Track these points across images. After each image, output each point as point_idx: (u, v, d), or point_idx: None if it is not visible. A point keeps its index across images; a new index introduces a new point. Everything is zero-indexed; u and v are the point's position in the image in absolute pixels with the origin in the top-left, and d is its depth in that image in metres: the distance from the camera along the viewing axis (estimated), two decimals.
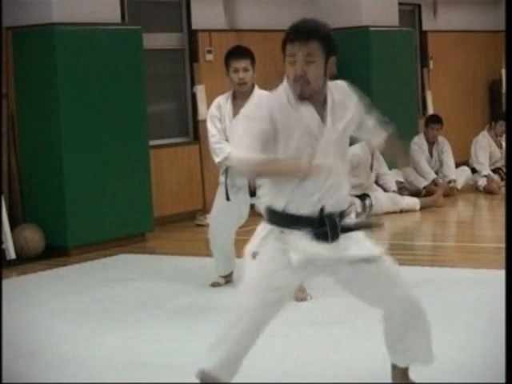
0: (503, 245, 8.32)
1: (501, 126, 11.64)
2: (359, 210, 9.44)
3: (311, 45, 3.40)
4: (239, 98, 6.41)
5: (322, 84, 3.51)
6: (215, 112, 6.50)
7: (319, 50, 3.43)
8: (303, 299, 6.26)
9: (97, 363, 5.15)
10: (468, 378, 4.25)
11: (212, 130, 6.47)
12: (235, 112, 6.39)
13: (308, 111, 3.44)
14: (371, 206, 9.66)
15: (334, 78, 12.49)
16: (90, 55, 8.41)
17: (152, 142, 9.38)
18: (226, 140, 6.39)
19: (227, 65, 6.46)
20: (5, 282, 6.75)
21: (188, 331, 5.70)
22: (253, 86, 6.42)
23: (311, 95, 3.45)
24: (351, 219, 3.70)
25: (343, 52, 11.12)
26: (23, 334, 5.54)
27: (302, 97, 3.41)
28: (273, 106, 3.48)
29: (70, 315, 6.26)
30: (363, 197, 9.63)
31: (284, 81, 3.48)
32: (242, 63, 6.37)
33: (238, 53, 6.48)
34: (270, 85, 6.72)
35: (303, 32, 3.44)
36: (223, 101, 6.50)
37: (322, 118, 3.48)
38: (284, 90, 3.48)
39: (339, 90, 3.66)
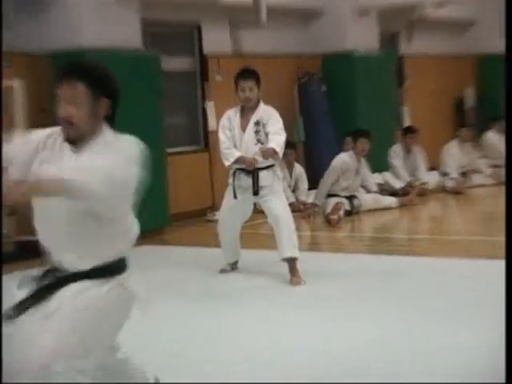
0: (470, 237, 8.38)
1: (463, 132, 11.87)
2: (348, 208, 9.54)
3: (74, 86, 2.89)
4: (246, 111, 6.46)
5: (91, 127, 2.92)
6: (226, 123, 6.53)
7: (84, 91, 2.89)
8: (298, 283, 6.29)
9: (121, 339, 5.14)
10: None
11: (222, 137, 6.49)
12: (242, 123, 6.46)
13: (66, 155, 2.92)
14: (359, 205, 9.68)
15: (324, 96, 12.46)
16: (116, 76, 8.37)
17: (169, 150, 9.39)
18: (234, 146, 6.43)
19: (236, 84, 6.49)
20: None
21: (199, 310, 5.71)
22: (258, 102, 6.45)
23: (79, 138, 2.90)
24: None
25: (332, 73, 11.26)
26: None
27: (69, 139, 2.89)
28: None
29: None
30: (351, 198, 9.61)
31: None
32: (248, 83, 6.40)
33: (245, 74, 6.50)
34: (270, 101, 6.76)
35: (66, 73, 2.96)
36: (233, 113, 6.53)
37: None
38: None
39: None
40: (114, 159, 2.81)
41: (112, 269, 2.99)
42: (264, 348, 4.79)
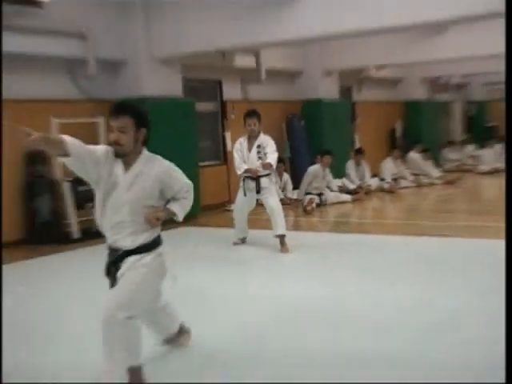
0: (399, 221, 8.36)
1: (394, 152, 11.91)
2: (318, 202, 9.48)
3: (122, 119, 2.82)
4: (251, 138, 6.45)
5: (134, 148, 2.88)
6: (238, 146, 6.51)
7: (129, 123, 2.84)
8: (285, 252, 6.28)
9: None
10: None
11: (236, 156, 6.48)
12: (249, 146, 6.44)
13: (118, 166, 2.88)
14: (326, 200, 9.63)
15: (302, 128, 12.31)
16: (166, 115, 8.37)
17: (200, 164, 9.35)
18: (244, 162, 6.41)
19: (244, 120, 6.47)
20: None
21: (221, 268, 5.72)
22: (259, 132, 6.43)
23: (125, 155, 2.86)
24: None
25: (308, 113, 11.25)
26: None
27: (118, 155, 2.85)
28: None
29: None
30: (320, 195, 9.57)
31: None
32: (253, 120, 6.38)
33: (250, 114, 6.47)
34: (267, 131, 6.74)
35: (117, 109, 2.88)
36: (242, 140, 6.51)
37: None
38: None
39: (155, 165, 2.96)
40: (182, 176, 3.08)
41: (153, 244, 2.97)
42: (262, 288, 4.81)
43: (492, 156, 13.89)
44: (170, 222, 3.18)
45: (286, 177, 10.12)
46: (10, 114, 4.71)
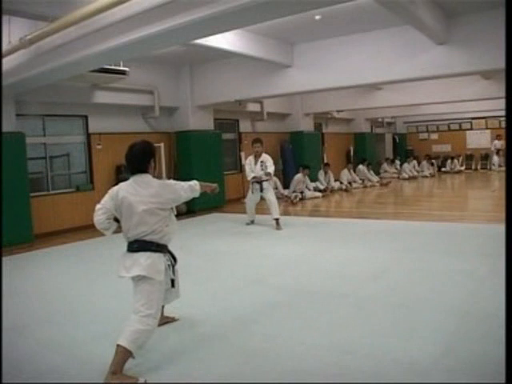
0: (352, 209, 8.36)
1: (349, 165, 11.76)
2: (300, 197, 9.44)
3: None
4: (257, 157, 6.40)
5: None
6: (248, 161, 6.49)
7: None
8: (279, 229, 6.21)
9: (201, 251, 5.12)
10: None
11: (247, 167, 6.44)
12: (255, 161, 6.38)
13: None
14: (305, 196, 9.60)
15: (290, 150, 12.14)
16: (203, 141, 8.45)
17: (225, 172, 9.33)
18: (252, 172, 6.37)
19: (252, 144, 6.46)
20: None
21: (237, 237, 5.71)
22: (262, 152, 6.38)
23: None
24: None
25: (294, 140, 11.27)
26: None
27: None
28: None
29: (197, 236, 6.20)
30: (302, 192, 9.55)
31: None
32: (257, 145, 6.36)
33: (256, 140, 6.45)
34: (268, 152, 6.82)
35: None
36: (251, 157, 6.47)
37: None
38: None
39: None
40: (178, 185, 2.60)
41: (160, 247, 2.45)
42: (263, 249, 4.84)
43: (410, 168, 14.12)
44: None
45: (279, 182, 10.12)
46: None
